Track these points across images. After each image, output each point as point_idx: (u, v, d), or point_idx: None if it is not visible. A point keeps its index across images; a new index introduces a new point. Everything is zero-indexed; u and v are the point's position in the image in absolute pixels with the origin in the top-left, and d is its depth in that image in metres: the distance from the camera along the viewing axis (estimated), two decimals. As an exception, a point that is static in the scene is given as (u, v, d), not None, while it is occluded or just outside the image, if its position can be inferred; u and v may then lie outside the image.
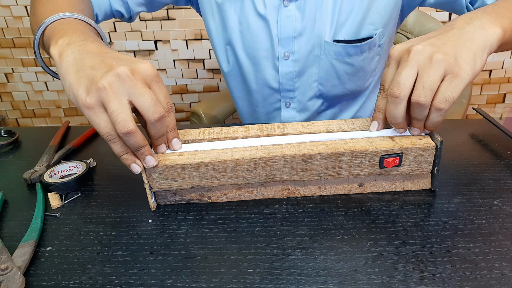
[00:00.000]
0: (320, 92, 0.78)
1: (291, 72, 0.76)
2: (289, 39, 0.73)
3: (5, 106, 1.80)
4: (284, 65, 0.75)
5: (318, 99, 0.80)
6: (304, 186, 0.50)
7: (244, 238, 0.44)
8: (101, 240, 0.45)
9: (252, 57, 0.77)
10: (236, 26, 0.75)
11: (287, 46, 0.74)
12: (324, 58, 0.74)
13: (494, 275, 0.38)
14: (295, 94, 0.79)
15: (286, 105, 0.81)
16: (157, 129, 0.44)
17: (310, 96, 0.79)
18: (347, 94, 0.80)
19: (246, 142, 0.50)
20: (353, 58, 0.74)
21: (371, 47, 0.74)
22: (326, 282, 0.38)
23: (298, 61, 0.75)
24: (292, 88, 0.78)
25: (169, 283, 0.39)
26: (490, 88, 1.68)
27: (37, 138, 0.71)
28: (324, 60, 0.74)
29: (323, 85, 0.77)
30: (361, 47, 0.73)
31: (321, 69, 0.75)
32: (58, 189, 0.53)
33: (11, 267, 0.40)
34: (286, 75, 0.76)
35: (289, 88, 0.78)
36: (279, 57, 0.75)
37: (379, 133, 0.50)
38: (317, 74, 0.76)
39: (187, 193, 0.50)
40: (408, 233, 0.44)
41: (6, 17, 1.59)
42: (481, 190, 0.50)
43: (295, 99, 0.80)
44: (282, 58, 0.75)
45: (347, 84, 0.77)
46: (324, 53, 0.73)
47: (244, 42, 0.76)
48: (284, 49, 0.74)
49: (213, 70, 1.68)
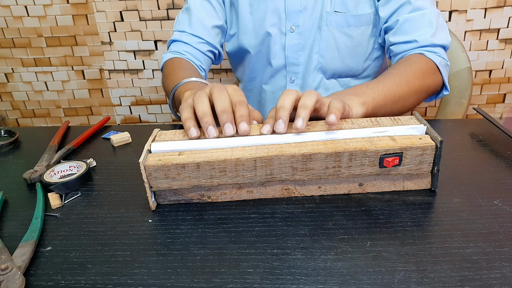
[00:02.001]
0: (320, 65, 0.84)
1: (296, 44, 0.82)
2: (295, 13, 0.79)
3: (5, 106, 1.80)
4: (290, 37, 0.82)
5: (318, 72, 0.85)
6: (304, 185, 0.50)
7: (244, 238, 0.44)
8: (101, 240, 0.45)
9: (260, 34, 0.83)
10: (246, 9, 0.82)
11: (293, 19, 0.80)
12: (325, 29, 0.80)
13: (494, 275, 0.38)
14: (299, 69, 0.85)
15: (291, 80, 0.86)
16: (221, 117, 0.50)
17: (311, 70, 0.84)
18: (345, 71, 0.85)
19: (246, 142, 0.50)
20: (352, 30, 0.80)
21: (368, 22, 0.80)
22: (326, 282, 0.38)
23: (302, 34, 0.81)
24: (297, 62, 0.84)
25: (169, 283, 0.39)
26: (490, 88, 1.68)
27: (37, 138, 0.72)
28: (325, 31, 0.80)
29: (324, 57, 0.83)
30: (359, 18, 0.79)
31: (322, 40, 0.81)
32: (58, 189, 0.53)
33: (11, 267, 0.40)
34: (291, 48, 0.83)
35: (294, 61, 0.84)
36: (286, 31, 0.81)
37: (379, 133, 0.50)
38: (318, 46, 0.82)
39: (187, 192, 0.50)
40: (408, 233, 0.44)
41: (6, 17, 1.59)
42: (481, 190, 0.50)
43: (299, 74, 0.85)
44: (288, 31, 0.81)
45: (345, 58, 0.83)
46: (325, 23, 0.79)
47: (253, 20, 0.82)
48: (291, 22, 0.80)
49: (213, 70, 1.67)
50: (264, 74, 0.89)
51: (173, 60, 0.81)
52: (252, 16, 0.82)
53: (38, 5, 1.57)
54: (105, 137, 0.71)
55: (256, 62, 0.88)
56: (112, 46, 1.62)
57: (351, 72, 0.86)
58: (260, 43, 0.84)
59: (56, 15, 1.59)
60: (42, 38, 1.63)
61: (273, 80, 0.88)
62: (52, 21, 1.60)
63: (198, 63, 0.83)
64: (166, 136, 0.52)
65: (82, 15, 1.58)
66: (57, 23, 1.60)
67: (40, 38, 1.63)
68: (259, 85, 0.92)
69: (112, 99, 1.71)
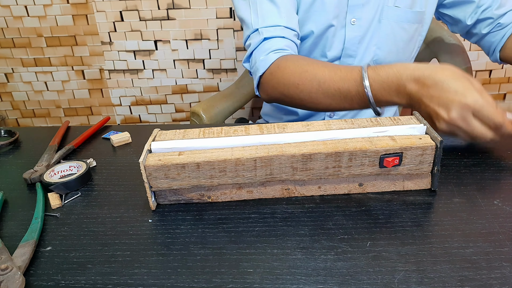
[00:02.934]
0: (376, 57, 0.84)
1: (356, 37, 0.81)
2: (358, 6, 0.79)
3: (5, 106, 1.80)
4: (350, 29, 0.81)
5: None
6: (304, 185, 0.50)
7: (244, 238, 0.44)
8: (101, 240, 0.45)
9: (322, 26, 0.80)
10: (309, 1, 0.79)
11: (355, 12, 0.79)
12: (385, 22, 0.80)
13: (494, 275, 0.38)
14: (354, 61, 0.83)
15: None
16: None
17: (364, 62, 0.83)
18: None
19: (246, 142, 0.50)
20: (409, 25, 0.81)
21: (421, 20, 0.82)
22: (326, 282, 0.38)
23: (362, 26, 0.80)
24: (354, 54, 0.83)
25: (169, 283, 0.39)
26: (490, 88, 1.68)
27: (37, 138, 0.71)
28: (386, 24, 0.80)
29: (381, 50, 0.83)
30: (416, 14, 0.81)
31: (382, 33, 0.81)
32: (58, 189, 0.53)
33: (11, 267, 0.40)
34: (350, 40, 0.81)
35: (351, 53, 0.83)
36: (346, 24, 0.80)
37: (379, 133, 0.50)
38: (377, 38, 0.82)
39: (187, 192, 0.50)
40: (408, 233, 0.44)
41: (6, 17, 1.59)
42: (481, 190, 0.50)
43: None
44: (349, 23, 0.80)
45: (400, 52, 0.84)
46: (386, 17, 0.80)
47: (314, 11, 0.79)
48: (352, 15, 0.80)
49: (213, 70, 1.68)
50: None
51: (290, 58, 0.68)
52: (313, 7, 0.79)
53: (38, 5, 1.57)
54: (105, 137, 0.71)
55: (310, 52, 0.84)
56: (112, 46, 1.62)
57: None
58: (320, 34, 0.81)
59: (56, 15, 1.59)
60: (42, 38, 1.63)
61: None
62: (52, 21, 1.60)
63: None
64: (166, 136, 0.52)
65: (82, 15, 1.58)
66: (57, 23, 1.60)
67: (40, 38, 1.63)
68: None
69: (112, 99, 1.71)
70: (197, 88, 1.74)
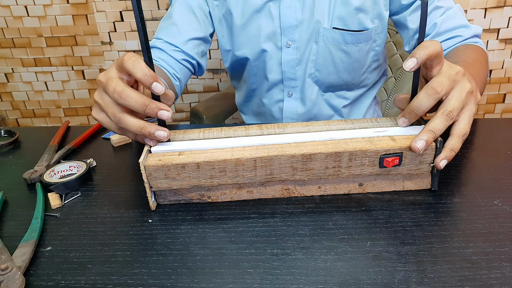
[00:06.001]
0: (316, 79, 0.83)
1: (293, 59, 0.81)
2: (291, 28, 0.78)
3: (5, 106, 1.80)
4: (286, 52, 0.80)
5: (314, 85, 0.85)
6: (304, 185, 0.50)
7: (244, 238, 0.44)
8: (101, 240, 0.45)
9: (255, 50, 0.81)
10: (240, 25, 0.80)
11: (289, 34, 0.79)
12: (322, 44, 0.79)
13: (494, 275, 0.38)
14: (297, 83, 0.84)
15: (288, 94, 0.86)
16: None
17: (309, 83, 0.84)
18: (342, 85, 0.85)
19: (246, 142, 0.50)
20: (349, 47, 0.79)
21: (367, 39, 0.79)
22: (326, 282, 0.38)
23: (298, 48, 0.80)
24: (294, 77, 0.83)
25: (169, 283, 0.39)
26: (490, 88, 1.68)
27: (37, 138, 0.72)
28: (322, 46, 0.79)
29: (320, 72, 0.82)
30: (357, 36, 0.78)
31: (319, 55, 0.80)
32: (58, 189, 0.53)
33: (11, 267, 0.40)
34: (287, 63, 0.81)
35: (291, 76, 0.83)
36: (281, 46, 0.80)
37: (379, 133, 0.50)
38: (315, 61, 0.81)
39: (187, 192, 0.50)
40: (408, 233, 0.44)
41: (6, 17, 1.59)
42: (481, 190, 0.50)
43: (297, 88, 0.85)
44: (284, 47, 0.80)
45: (342, 73, 0.82)
46: (322, 39, 0.79)
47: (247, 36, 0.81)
48: (286, 37, 0.79)
49: (213, 70, 1.68)
50: (261, 88, 0.87)
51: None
52: (246, 32, 0.80)
53: (38, 5, 1.57)
54: (105, 137, 0.71)
55: (253, 76, 0.86)
56: (112, 46, 1.62)
57: (347, 85, 0.85)
58: (256, 58, 0.82)
59: (56, 15, 1.59)
60: (42, 38, 1.63)
61: (270, 94, 0.87)
62: (52, 21, 1.60)
63: (171, 71, 0.79)
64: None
65: (82, 15, 1.58)
66: (57, 23, 1.60)
67: (40, 38, 1.63)
68: (258, 98, 0.90)
69: (112, 99, 1.71)
70: (197, 88, 1.74)
